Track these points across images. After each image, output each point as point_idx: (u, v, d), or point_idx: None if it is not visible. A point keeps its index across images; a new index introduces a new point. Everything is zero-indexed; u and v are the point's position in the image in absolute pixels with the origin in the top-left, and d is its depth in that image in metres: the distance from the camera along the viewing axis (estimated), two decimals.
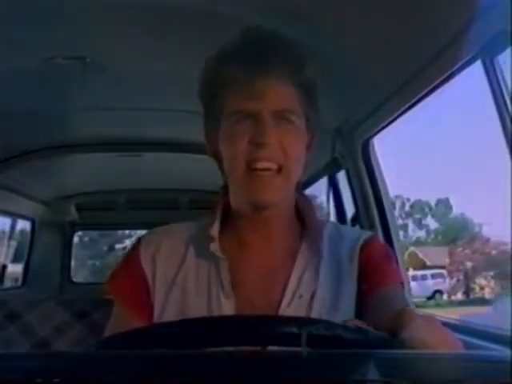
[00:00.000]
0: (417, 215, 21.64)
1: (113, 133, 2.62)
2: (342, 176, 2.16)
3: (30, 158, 2.74)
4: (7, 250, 3.69)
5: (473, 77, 1.32)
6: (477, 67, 1.20)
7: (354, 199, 2.07)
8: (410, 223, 21.39)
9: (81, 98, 2.12)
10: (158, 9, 1.40)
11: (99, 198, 3.84)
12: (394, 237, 1.95)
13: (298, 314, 0.86)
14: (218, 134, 0.90)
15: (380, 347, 0.57)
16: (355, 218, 2.09)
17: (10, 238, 3.71)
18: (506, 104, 1.15)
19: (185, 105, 2.00)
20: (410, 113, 1.63)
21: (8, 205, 3.28)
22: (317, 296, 0.89)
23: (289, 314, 0.86)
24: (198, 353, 0.54)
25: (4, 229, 3.75)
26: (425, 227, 21.72)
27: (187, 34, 1.54)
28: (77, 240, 4.79)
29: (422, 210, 21.74)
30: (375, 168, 1.96)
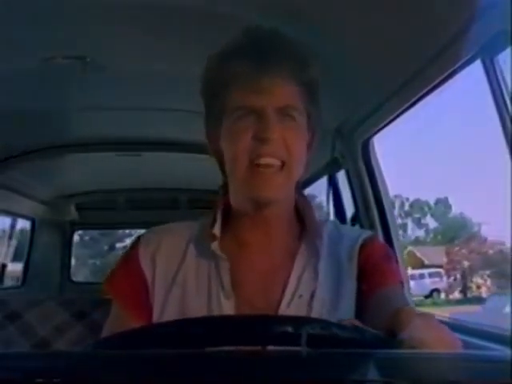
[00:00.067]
0: (416, 215, 21.63)
1: (113, 133, 2.61)
2: (341, 176, 2.16)
3: (30, 158, 2.74)
4: (7, 249, 3.69)
5: (473, 76, 1.32)
6: (477, 67, 1.20)
7: (354, 199, 2.07)
8: (409, 222, 21.39)
9: (81, 97, 2.12)
10: (158, 9, 1.40)
11: (99, 198, 3.84)
12: (394, 236, 1.95)
13: (298, 313, 0.86)
14: (220, 131, 0.90)
15: (377, 346, 0.57)
16: (355, 218, 2.09)
17: (10, 237, 3.71)
18: (505, 104, 1.15)
19: (185, 105, 2.01)
20: (409, 112, 1.63)
21: (8, 204, 3.28)
22: (316, 296, 0.89)
23: (289, 313, 0.86)
24: (198, 353, 0.54)
25: (4, 228, 3.76)
26: (424, 226, 21.71)
27: (187, 34, 1.54)
28: (77, 239, 4.79)
29: (421, 210, 21.72)
30: (375, 168, 1.96)
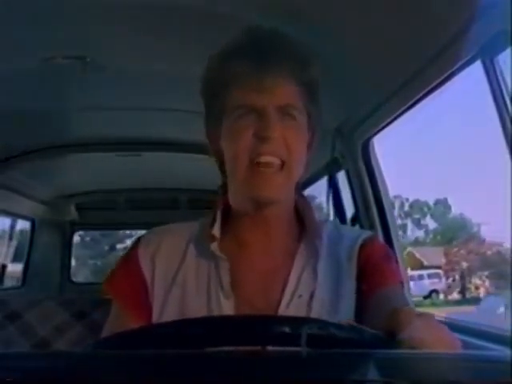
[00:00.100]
0: (416, 215, 21.61)
1: (113, 133, 2.61)
2: (341, 176, 2.16)
3: (30, 158, 2.75)
4: (7, 249, 3.68)
5: (473, 77, 1.32)
6: (477, 67, 1.20)
7: (354, 199, 2.07)
8: (408, 223, 21.37)
9: (81, 97, 2.12)
10: (158, 9, 1.40)
11: (99, 198, 3.84)
12: (394, 237, 1.95)
13: (298, 314, 0.86)
14: (220, 131, 0.90)
15: (376, 346, 0.57)
16: (355, 218, 2.09)
17: (10, 237, 3.71)
18: (505, 104, 1.15)
19: (185, 105, 2.01)
20: (409, 113, 1.63)
21: (8, 204, 3.28)
22: (316, 296, 0.89)
23: (288, 314, 0.86)
24: (197, 353, 0.54)
25: (4, 228, 3.76)
26: (424, 227, 21.70)
27: (187, 34, 1.54)
28: (78, 239, 4.79)
29: (420, 210, 21.70)
30: (375, 168, 1.96)
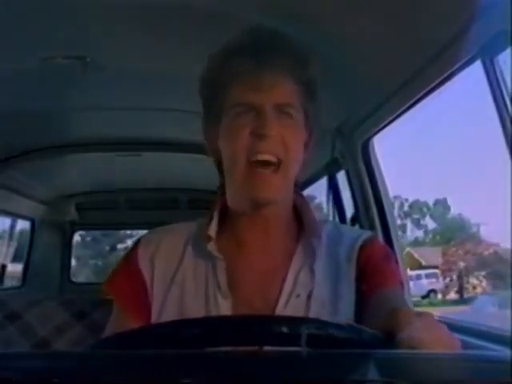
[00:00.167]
0: (415, 215, 21.59)
1: (113, 133, 2.61)
2: (341, 176, 2.16)
3: (31, 158, 2.75)
4: (7, 249, 3.68)
5: (473, 77, 1.32)
6: (477, 67, 1.20)
7: (354, 199, 2.07)
8: (408, 223, 21.36)
9: (81, 97, 2.12)
10: (158, 9, 1.40)
11: (99, 198, 3.84)
12: (394, 237, 1.95)
13: (296, 313, 0.86)
14: (218, 130, 0.90)
15: (374, 346, 0.57)
16: (355, 218, 2.09)
17: (10, 237, 3.71)
18: (505, 104, 1.15)
19: (185, 105, 2.00)
20: (409, 113, 1.63)
21: (8, 204, 3.28)
22: (314, 295, 0.89)
23: (286, 313, 0.86)
24: (196, 353, 0.54)
25: (4, 228, 3.75)
26: (423, 227, 21.68)
27: (187, 34, 1.54)
28: (79, 239, 4.78)
29: (420, 211, 21.69)
30: (375, 168, 1.96)
